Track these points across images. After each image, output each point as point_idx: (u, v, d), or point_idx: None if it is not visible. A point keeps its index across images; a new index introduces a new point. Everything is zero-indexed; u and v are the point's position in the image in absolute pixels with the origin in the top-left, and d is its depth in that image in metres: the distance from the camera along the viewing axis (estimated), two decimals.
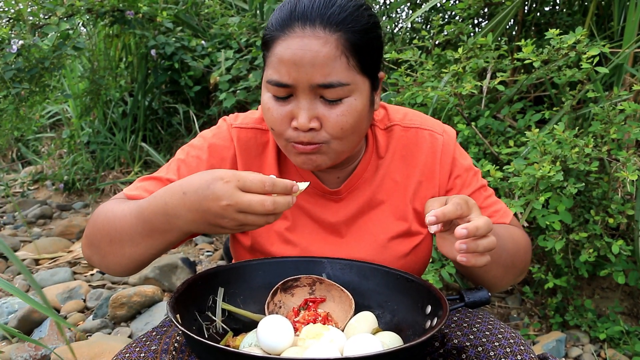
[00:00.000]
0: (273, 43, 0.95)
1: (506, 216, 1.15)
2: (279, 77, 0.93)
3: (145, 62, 4.05)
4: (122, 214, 0.95)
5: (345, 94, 0.94)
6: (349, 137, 0.98)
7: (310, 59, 0.90)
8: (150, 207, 0.90)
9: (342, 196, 1.13)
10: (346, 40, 0.92)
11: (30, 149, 5.62)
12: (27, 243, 3.40)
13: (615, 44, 2.43)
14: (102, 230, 0.98)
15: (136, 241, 0.93)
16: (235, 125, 1.13)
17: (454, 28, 2.59)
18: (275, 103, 0.97)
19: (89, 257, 1.04)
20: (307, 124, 0.94)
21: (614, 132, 1.89)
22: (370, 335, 0.84)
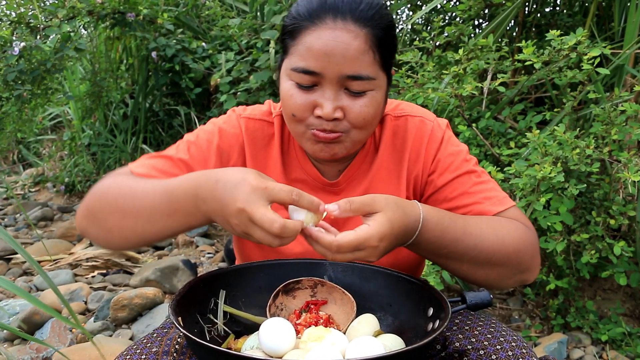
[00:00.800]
0: (301, 32, 0.97)
1: (498, 205, 1.09)
2: (307, 64, 0.95)
3: (146, 64, 4.06)
4: (142, 190, 0.93)
5: (369, 87, 0.98)
6: (368, 127, 1.02)
7: (342, 50, 0.94)
8: (182, 187, 0.89)
9: (342, 187, 1.14)
10: (373, 36, 0.96)
11: (32, 151, 5.63)
12: (28, 245, 3.40)
13: (616, 44, 2.43)
14: (114, 204, 0.95)
15: (155, 219, 0.91)
16: (243, 116, 1.15)
17: (455, 29, 2.59)
18: (299, 90, 0.99)
19: (85, 228, 1.01)
20: (332, 113, 0.96)
21: (615, 133, 1.89)
22: (372, 338, 0.84)
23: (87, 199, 1.01)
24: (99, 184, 1.02)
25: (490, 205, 1.08)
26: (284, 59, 1.03)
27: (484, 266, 1.01)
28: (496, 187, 1.13)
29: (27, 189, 4.75)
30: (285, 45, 1.02)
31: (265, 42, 3.11)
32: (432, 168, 1.14)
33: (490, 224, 1.03)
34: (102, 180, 1.04)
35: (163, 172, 1.06)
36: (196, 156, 1.09)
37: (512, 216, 1.08)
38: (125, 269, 3.00)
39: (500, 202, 1.09)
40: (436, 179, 1.13)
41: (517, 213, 1.10)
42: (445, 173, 1.12)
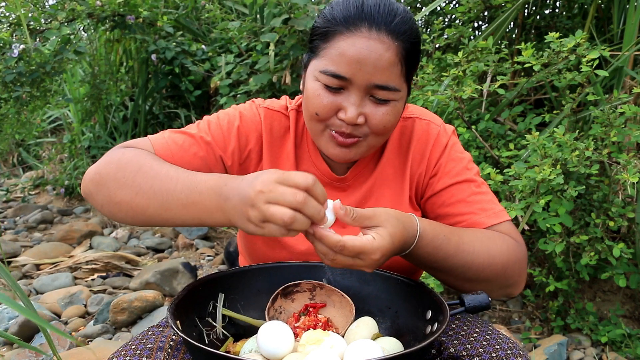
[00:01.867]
0: (335, 36, 0.99)
1: (493, 217, 1.11)
2: (338, 69, 0.98)
3: (146, 66, 4.06)
4: (166, 174, 0.94)
5: (394, 97, 1.01)
6: (385, 135, 1.05)
7: (374, 60, 0.97)
8: (207, 183, 0.89)
9: (349, 183, 1.17)
10: (403, 49, 0.99)
11: (31, 153, 5.63)
12: (28, 248, 3.40)
13: (615, 46, 2.43)
14: (131, 180, 0.95)
15: (169, 206, 0.91)
16: (263, 105, 1.18)
17: (455, 31, 2.59)
18: (325, 91, 1.01)
19: (91, 194, 1.00)
20: (355, 119, 0.99)
21: (614, 135, 1.89)
22: (370, 341, 0.84)
23: (101, 164, 1.00)
24: (117, 152, 1.02)
25: (484, 217, 1.10)
26: (311, 58, 1.05)
27: (472, 281, 1.04)
28: (494, 199, 1.15)
29: (27, 191, 4.75)
30: (315, 45, 1.04)
31: (265, 44, 3.12)
32: (434, 171, 1.16)
33: (484, 241, 1.04)
34: (120, 149, 1.03)
35: (183, 149, 1.07)
36: (217, 136, 1.11)
37: (505, 230, 1.10)
38: (125, 272, 3.00)
39: (495, 215, 1.11)
40: (436, 182, 1.15)
41: (510, 228, 1.12)
42: (445, 178, 1.14)
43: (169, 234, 3.63)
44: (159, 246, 3.46)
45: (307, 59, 1.07)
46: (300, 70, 3.19)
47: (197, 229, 3.52)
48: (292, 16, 2.90)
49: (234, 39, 3.43)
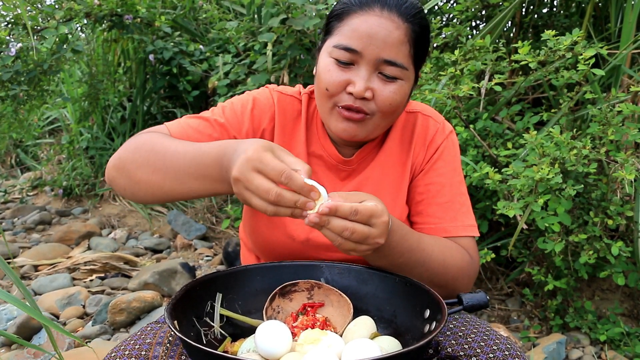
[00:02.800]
0: (348, 15, 1.06)
1: (461, 230, 1.16)
2: (350, 42, 1.04)
3: (144, 67, 4.06)
4: (175, 150, 0.98)
5: (401, 75, 1.06)
6: (391, 114, 1.09)
7: (384, 36, 1.03)
8: (210, 154, 0.93)
9: (353, 167, 1.21)
10: (413, 32, 1.06)
11: (29, 155, 5.62)
12: (26, 249, 3.39)
13: (612, 45, 2.43)
14: (146, 159, 1.00)
15: (183, 180, 0.96)
16: (276, 90, 1.23)
17: (452, 30, 2.59)
18: (336, 67, 1.06)
19: (114, 179, 1.06)
20: (363, 92, 1.04)
21: (612, 134, 1.89)
22: (368, 340, 0.84)
23: (120, 151, 1.06)
24: (133, 138, 1.08)
25: (452, 227, 1.17)
26: (326, 38, 1.10)
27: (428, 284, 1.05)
28: (469, 211, 1.20)
29: (25, 192, 4.74)
30: (330, 27, 1.10)
31: (263, 44, 3.11)
32: (424, 166, 1.22)
33: (441, 248, 1.10)
34: (137, 134, 1.09)
35: (199, 132, 1.13)
36: (231, 119, 1.16)
37: (465, 245, 1.16)
38: (124, 273, 3.00)
39: (463, 228, 1.17)
40: (422, 177, 1.21)
41: (471, 244, 1.18)
42: (432, 174, 1.21)
43: (168, 234, 3.63)
44: (158, 247, 3.46)
45: (321, 42, 1.13)
46: (298, 70, 3.19)
47: (195, 229, 3.52)
48: (289, 16, 2.90)
49: (231, 39, 3.42)
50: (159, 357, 0.97)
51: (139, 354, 0.97)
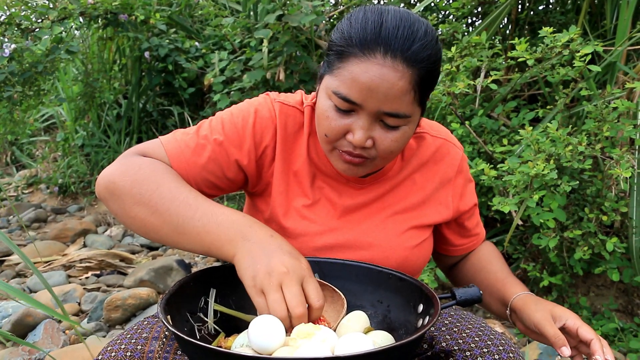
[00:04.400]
0: (349, 59, 0.96)
1: (482, 234, 1.29)
2: (349, 94, 0.96)
3: (139, 64, 4.05)
4: (185, 201, 0.95)
5: (404, 123, 0.99)
6: (393, 157, 1.05)
7: (386, 89, 0.94)
8: (231, 216, 0.94)
9: (364, 186, 1.15)
10: (419, 77, 0.96)
11: (25, 152, 5.60)
12: (21, 247, 3.39)
13: (608, 42, 2.43)
14: (148, 199, 0.96)
15: (184, 232, 0.94)
16: (278, 100, 1.14)
17: (448, 27, 2.59)
18: (336, 113, 0.99)
19: (105, 200, 1.01)
20: (364, 142, 0.98)
21: (607, 130, 1.89)
22: (361, 334, 0.84)
23: (116, 174, 0.99)
24: (133, 162, 1.01)
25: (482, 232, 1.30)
26: (326, 72, 1.01)
27: None
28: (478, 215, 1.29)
29: (21, 190, 4.73)
30: (330, 60, 1.01)
31: (259, 41, 3.11)
32: (460, 193, 1.21)
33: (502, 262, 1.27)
34: (136, 157, 1.03)
35: (196, 153, 1.05)
36: (231, 135, 1.08)
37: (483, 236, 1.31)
38: (119, 270, 2.99)
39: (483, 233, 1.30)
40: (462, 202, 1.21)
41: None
42: (465, 200, 1.22)
43: None
44: (153, 244, 3.45)
45: (322, 71, 1.04)
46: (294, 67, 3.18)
47: None
48: (286, 12, 2.90)
49: (227, 35, 3.42)
50: (154, 352, 0.96)
51: (135, 348, 0.96)
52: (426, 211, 1.17)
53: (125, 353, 0.95)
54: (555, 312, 1.02)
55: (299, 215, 1.12)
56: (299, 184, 1.13)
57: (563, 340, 0.98)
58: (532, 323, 1.03)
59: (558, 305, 1.04)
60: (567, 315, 1.01)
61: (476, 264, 1.25)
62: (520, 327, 1.09)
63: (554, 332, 0.98)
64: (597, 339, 0.98)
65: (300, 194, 1.12)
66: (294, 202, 1.12)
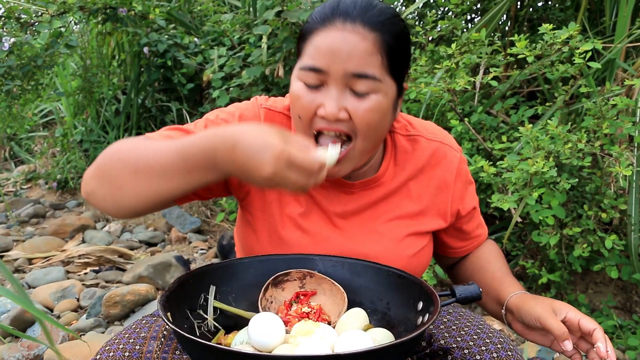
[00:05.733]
0: (311, 34, 0.98)
1: (484, 234, 1.28)
2: (314, 62, 0.96)
3: (138, 59, 4.04)
4: (157, 148, 0.91)
5: (375, 89, 0.96)
6: (372, 134, 0.99)
7: (348, 49, 0.94)
8: (197, 147, 0.86)
9: (355, 191, 1.12)
10: (382, 41, 0.96)
11: (23, 148, 5.59)
12: (20, 242, 3.38)
13: (607, 39, 2.43)
14: (126, 160, 0.92)
15: (170, 175, 0.89)
16: (264, 106, 1.13)
17: (448, 24, 2.58)
18: (306, 91, 0.98)
19: (93, 190, 0.95)
20: (336, 112, 0.95)
21: (607, 127, 1.89)
22: (361, 332, 0.84)
23: (98, 160, 0.97)
24: (110, 146, 1.00)
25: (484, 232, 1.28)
26: (297, 64, 1.01)
27: None
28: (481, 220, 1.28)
29: (19, 186, 4.72)
30: (298, 50, 1.02)
31: (258, 37, 3.10)
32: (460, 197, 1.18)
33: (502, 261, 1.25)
34: (115, 142, 1.01)
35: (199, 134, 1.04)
36: None
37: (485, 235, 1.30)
38: (118, 266, 2.99)
39: (485, 231, 1.28)
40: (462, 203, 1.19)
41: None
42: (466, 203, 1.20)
43: (162, 227, 3.62)
44: (152, 240, 3.45)
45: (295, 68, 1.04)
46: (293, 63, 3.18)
47: (190, 223, 3.51)
48: (285, 8, 2.89)
49: (226, 31, 3.41)
50: (153, 352, 0.96)
51: (133, 348, 0.96)
52: (424, 219, 1.14)
53: (124, 353, 0.95)
54: (555, 306, 1.00)
55: (293, 225, 1.11)
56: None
57: (567, 333, 0.95)
58: (533, 317, 1.00)
59: (557, 300, 1.02)
60: (567, 308, 0.99)
61: (475, 263, 1.24)
62: (517, 327, 1.06)
63: (557, 325, 0.96)
64: (600, 329, 0.96)
65: (293, 201, 1.11)
66: (286, 209, 1.11)
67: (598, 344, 0.94)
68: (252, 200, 1.12)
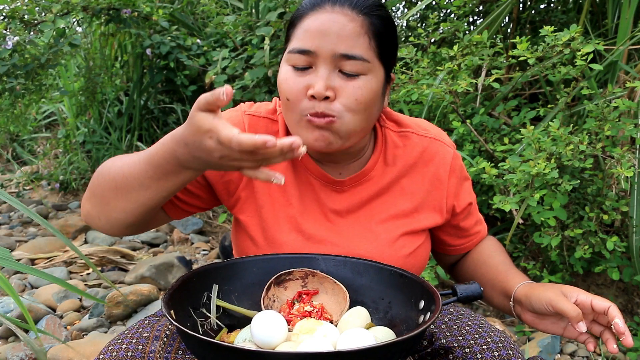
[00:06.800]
0: (301, 19, 1.00)
1: (484, 230, 1.28)
2: (303, 44, 0.98)
3: (141, 61, 4.05)
4: (130, 161, 0.95)
5: (363, 70, 0.98)
6: (361, 112, 0.99)
7: (338, 30, 0.96)
8: (159, 154, 0.90)
9: (345, 188, 1.12)
10: (370, 24, 0.98)
11: (26, 149, 5.61)
12: (22, 243, 3.39)
13: (609, 41, 2.44)
14: (108, 178, 0.98)
15: (147, 185, 0.93)
16: (248, 112, 1.13)
17: (450, 26, 2.59)
18: (294, 74, 0.99)
19: (88, 212, 1.03)
20: (324, 91, 0.96)
21: (608, 129, 1.89)
22: (363, 330, 0.85)
23: (89, 184, 1.04)
24: (99, 167, 1.05)
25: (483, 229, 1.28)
26: (285, 50, 1.03)
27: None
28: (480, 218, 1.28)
29: (22, 186, 4.73)
30: (287, 36, 1.04)
31: (260, 39, 3.11)
32: (456, 194, 1.17)
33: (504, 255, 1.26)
34: (102, 163, 1.06)
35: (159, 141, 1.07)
36: None
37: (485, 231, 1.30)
38: (120, 266, 3.00)
39: (485, 228, 1.28)
40: (457, 200, 1.18)
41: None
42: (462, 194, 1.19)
43: (164, 228, 3.63)
44: (154, 240, 3.46)
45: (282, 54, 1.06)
46: None
47: (192, 223, 3.52)
48: (287, 10, 2.90)
49: (229, 33, 3.42)
50: (155, 352, 0.97)
51: (136, 348, 0.97)
52: (418, 217, 1.13)
53: (127, 353, 0.95)
54: (565, 290, 0.99)
55: (287, 228, 1.10)
56: (284, 192, 1.11)
57: (581, 315, 0.95)
58: (544, 303, 0.98)
59: (565, 285, 1.01)
60: (578, 291, 0.98)
61: (477, 259, 1.23)
62: (528, 317, 1.04)
63: (571, 307, 0.95)
64: (614, 306, 0.95)
65: (285, 204, 1.10)
66: (280, 212, 1.10)
67: (616, 320, 0.94)
68: (243, 207, 1.12)
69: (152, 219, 1.08)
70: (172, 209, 1.12)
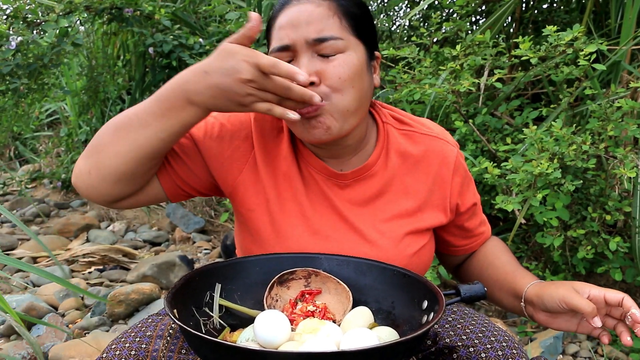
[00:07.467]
0: (274, 20, 1.03)
1: (488, 231, 1.28)
2: (280, 41, 1.00)
3: (143, 60, 4.05)
4: (137, 105, 0.98)
5: (340, 49, 0.99)
6: (348, 89, 1.00)
7: (306, 18, 0.98)
8: (167, 87, 0.93)
9: (348, 182, 1.11)
10: (339, 5, 1.00)
11: (28, 147, 5.62)
12: (24, 241, 3.40)
13: (612, 41, 2.43)
14: (111, 124, 0.99)
15: (146, 123, 0.94)
16: None
17: (452, 25, 2.59)
18: None
19: (80, 168, 1.01)
20: (308, 77, 0.96)
21: (612, 130, 1.89)
22: (366, 330, 0.84)
23: (83, 152, 1.03)
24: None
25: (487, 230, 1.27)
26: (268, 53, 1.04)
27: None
28: (484, 219, 1.27)
29: (24, 185, 4.74)
30: (267, 41, 1.06)
31: (263, 36, 3.11)
32: (461, 194, 1.17)
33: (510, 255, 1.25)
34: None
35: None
36: (203, 130, 1.10)
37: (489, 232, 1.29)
38: (122, 265, 3.00)
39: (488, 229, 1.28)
40: (462, 199, 1.17)
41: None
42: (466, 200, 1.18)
43: (166, 227, 3.63)
44: (156, 239, 3.46)
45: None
46: None
47: (194, 222, 3.52)
48: None
49: (231, 32, 3.42)
50: (159, 351, 0.97)
51: (139, 347, 0.97)
52: (422, 216, 1.13)
53: (130, 352, 0.95)
54: (576, 286, 0.99)
55: (296, 220, 1.10)
56: (290, 186, 1.10)
57: (595, 310, 0.95)
58: (557, 300, 0.98)
59: (576, 281, 1.01)
60: (589, 286, 0.98)
61: (483, 261, 1.22)
62: (540, 316, 1.04)
63: (585, 302, 0.95)
64: (628, 297, 0.96)
65: (291, 198, 1.10)
66: (285, 207, 1.10)
67: (632, 310, 0.94)
68: (246, 194, 1.11)
69: (146, 184, 1.05)
70: (165, 177, 1.09)
